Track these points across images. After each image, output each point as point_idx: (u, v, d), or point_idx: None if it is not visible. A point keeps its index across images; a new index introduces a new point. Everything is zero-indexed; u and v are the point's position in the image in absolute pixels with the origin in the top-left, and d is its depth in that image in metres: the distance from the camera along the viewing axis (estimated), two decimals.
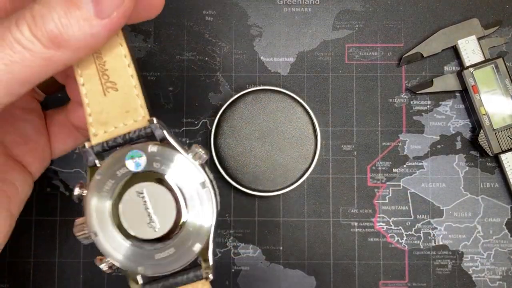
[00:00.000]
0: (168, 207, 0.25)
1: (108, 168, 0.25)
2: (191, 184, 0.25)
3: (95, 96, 0.25)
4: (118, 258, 0.25)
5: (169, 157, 0.25)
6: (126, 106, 0.25)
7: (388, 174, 0.38)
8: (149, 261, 0.25)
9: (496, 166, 0.38)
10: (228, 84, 0.39)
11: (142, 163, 0.25)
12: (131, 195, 0.25)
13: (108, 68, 0.25)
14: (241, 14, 0.39)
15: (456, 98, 0.39)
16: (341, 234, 0.38)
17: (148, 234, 0.25)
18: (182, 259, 0.25)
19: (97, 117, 0.25)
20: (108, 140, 0.25)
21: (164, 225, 0.25)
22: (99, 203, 0.25)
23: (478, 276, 0.37)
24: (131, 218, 0.25)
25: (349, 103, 0.39)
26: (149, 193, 0.25)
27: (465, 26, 0.38)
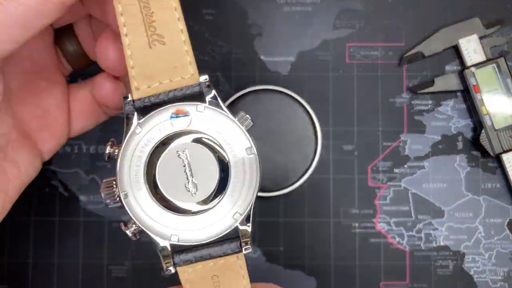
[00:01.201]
0: (210, 172, 0.23)
1: (149, 125, 0.23)
2: (237, 149, 0.24)
3: (139, 48, 0.23)
4: (149, 224, 0.23)
5: (217, 119, 0.23)
6: (173, 61, 0.23)
7: (389, 174, 0.38)
8: (184, 228, 0.23)
9: (497, 166, 0.38)
10: (228, 83, 0.38)
11: (187, 122, 0.23)
12: (170, 155, 0.23)
13: (156, 20, 0.23)
14: (241, 13, 0.39)
15: (457, 98, 0.38)
16: (342, 235, 0.38)
17: (185, 199, 0.23)
18: (220, 228, 0.24)
19: (140, 70, 0.23)
20: (151, 95, 0.23)
21: (203, 190, 0.23)
22: (135, 160, 0.23)
23: (479, 277, 0.37)
24: (168, 179, 0.23)
25: (349, 103, 0.38)
26: (191, 154, 0.23)
27: (466, 26, 0.38)
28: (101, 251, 0.38)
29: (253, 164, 0.24)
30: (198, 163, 0.23)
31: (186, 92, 0.23)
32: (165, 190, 0.23)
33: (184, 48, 0.24)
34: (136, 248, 0.38)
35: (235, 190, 0.24)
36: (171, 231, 0.23)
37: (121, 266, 0.38)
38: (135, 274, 0.37)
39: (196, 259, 0.24)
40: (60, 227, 0.38)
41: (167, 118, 0.23)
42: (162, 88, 0.23)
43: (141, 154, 0.23)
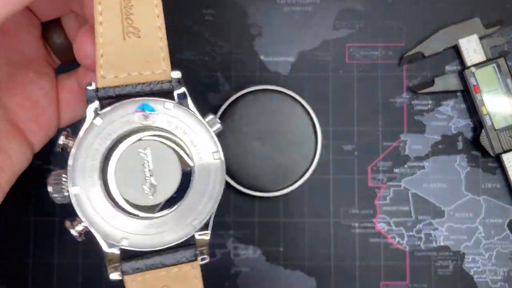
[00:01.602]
0: (171, 174, 0.22)
1: (111, 117, 0.22)
2: (203, 153, 0.22)
3: (112, 38, 0.22)
4: (98, 224, 0.22)
5: (184, 119, 0.22)
6: (146, 55, 0.22)
7: (389, 174, 0.38)
8: (136, 232, 0.22)
9: (497, 167, 0.38)
10: (228, 84, 0.38)
11: (153, 119, 0.22)
12: (131, 151, 0.22)
13: (134, 13, 0.22)
14: (241, 14, 0.39)
15: (457, 98, 0.38)
16: (342, 235, 0.38)
17: (141, 200, 0.21)
18: (176, 235, 0.22)
19: (109, 59, 0.22)
20: (117, 86, 0.22)
21: (162, 193, 0.22)
22: (90, 154, 0.22)
23: (479, 277, 0.37)
24: (125, 177, 0.21)
25: (349, 103, 0.38)
26: (153, 153, 0.22)
27: (467, 26, 0.38)
28: (101, 251, 0.38)
29: (218, 170, 0.22)
30: (159, 164, 0.22)
31: (155, 87, 0.22)
32: (120, 188, 0.22)
33: (159, 44, 0.23)
34: None
35: (196, 196, 0.22)
36: (121, 234, 0.22)
37: None
38: None
39: (147, 267, 0.22)
40: (60, 227, 0.38)
41: (131, 112, 0.22)
42: (130, 80, 0.22)
43: (99, 148, 0.22)
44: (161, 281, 0.23)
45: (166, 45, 0.23)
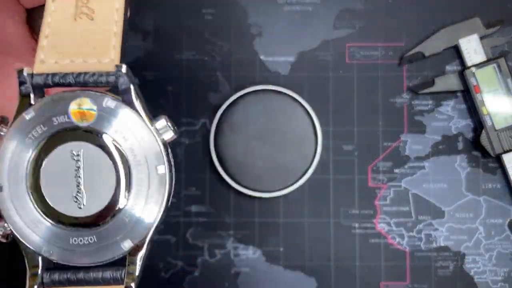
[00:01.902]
0: (105, 183, 0.19)
1: (43, 110, 0.19)
2: (145, 163, 0.19)
3: (62, 17, 0.20)
4: (20, 228, 0.19)
5: (126, 121, 0.19)
6: (95, 41, 0.20)
7: (389, 174, 0.38)
8: (61, 243, 0.19)
9: (498, 167, 0.38)
10: (228, 83, 0.38)
11: (90, 118, 0.19)
12: (63, 153, 0.19)
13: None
14: (241, 13, 0.39)
15: (457, 98, 0.38)
16: (342, 235, 0.38)
17: (70, 210, 0.19)
18: (103, 254, 0.20)
19: (54, 41, 0.20)
20: (55, 73, 0.19)
21: (93, 205, 0.19)
22: (19, 150, 0.19)
23: (480, 278, 0.37)
24: (54, 182, 0.19)
25: (349, 103, 0.38)
26: (87, 158, 0.19)
27: (467, 25, 0.38)
28: None
29: (162, 184, 0.20)
30: (93, 171, 0.19)
31: (99, 79, 0.20)
32: (48, 195, 0.19)
33: (113, 29, 0.20)
34: None
35: (132, 212, 0.20)
36: (44, 243, 0.20)
37: None
38: None
39: (70, 283, 0.20)
40: None
41: (66, 107, 0.19)
42: (71, 67, 0.20)
43: (27, 146, 0.19)
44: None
45: (120, 32, 0.20)
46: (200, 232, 0.38)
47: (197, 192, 0.38)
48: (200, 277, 0.37)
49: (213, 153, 0.37)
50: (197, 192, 0.38)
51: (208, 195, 0.38)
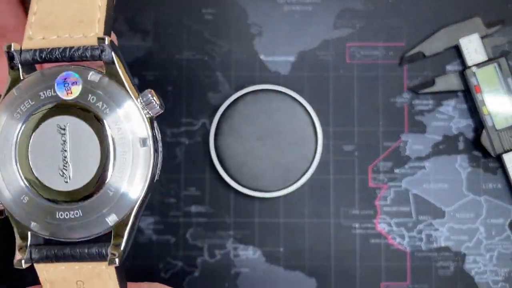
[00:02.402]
0: (91, 157, 0.19)
1: (31, 85, 0.20)
2: (129, 136, 0.19)
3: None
4: (10, 202, 0.20)
5: (111, 94, 0.19)
6: (81, 14, 0.20)
7: (389, 174, 0.38)
8: (47, 218, 0.20)
9: (498, 167, 0.38)
10: (228, 83, 0.38)
11: (75, 92, 0.19)
12: (49, 127, 0.19)
13: None
14: (240, 13, 0.39)
15: (458, 98, 0.38)
16: (342, 236, 0.38)
17: (56, 183, 0.19)
18: (89, 229, 0.20)
19: (42, 18, 0.20)
20: (43, 48, 0.20)
21: (79, 178, 0.19)
22: (8, 125, 0.19)
23: (480, 278, 0.37)
24: (42, 157, 0.19)
25: (350, 103, 0.38)
26: (73, 131, 0.19)
27: (467, 25, 0.38)
28: None
29: (146, 159, 0.20)
30: (79, 145, 0.19)
31: (84, 53, 0.20)
32: (36, 169, 0.19)
33: (98, 2, 0.20)
34: (135, 249, 0.38)
35: (117, 186, 0.20)
36: (31, 218, 0.20)
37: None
38: (134, 275, 0.37)
39: (57, 258, 0.21)
40: None
41: (52, 82, 0.19)
42: (58, 42, 0.20)
43: (18, 119, 0.19)
44: (75, 276, 0.21)
45: (105, 5, 0.20)
46: (200, 232, 0.38)
47: (197, 192, 0.38)
48: (200, 278, 0.37)
49: (213, 153, 0.37)
50: (197, 192, 0.38)
51: (208, 195, 0.38)
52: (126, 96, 0.20)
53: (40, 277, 0.21)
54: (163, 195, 0.38)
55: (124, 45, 0.38)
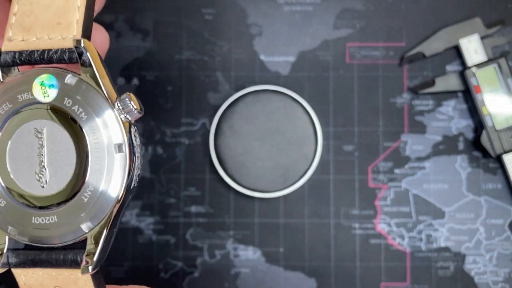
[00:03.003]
0: (67, 162, 0.19)
1: (9, 87, 0.20)
2: (104, 143, 0.19)
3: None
4: None
5: (88, 99, 0.19)
6: (60, 16, 0.20)
7: (389, 175, 0.38)
8: (24, 223, 0.20)
9: (498, 167, 0.38)
10: (228, 83, 0.38)
11: (52, 95, 0.19)
12: (26, 131, 0.19)
13: None
14: (240, 13, 0.39)
15: (458, 98, 0.38)
16: (342, 236, 0.38)
17: (33, 188, 0.19)
18: (65, 235, 0.20)
19: (22, 19, 0.20)
20: (22, 50, 0.20)
21: (55, 183, 0.19)
22: None
23: (480, 278, 0.37)
24: (18, 161, 0.19)
25: (350, 103, 0.38)
26: (50, 136, 0.19)
27: (467, 25, 0.38)
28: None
29: (122, 165, 0.19)
30: (55, 150, 0.19)
31: (62, 56, 0.20)
32: (13, 173, 0.19)
33: (77, 3, 0.20)
34: (135, 249, 0.38)
35: (92, 192, 0.19)
36: (8, 223, 0.20)
37: (120, 267, 0.37)
38: (134, 275, 0.37)
39: (34, 264, 0.21)
40: None
41: (30, 85, 0.19)
42: (36, 44, 0.20)
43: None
44: (53, 281, 0.21)
45: (84, 6, 0.20)
46: (199, 233, 0.38)
47: (197, 193, 0.38)
48: (200, 278, 0.37)
49: (213, 153, 0.37)
50: (197, 192, 0.38)
51: (207, 195, 0.38)
52: (103, 101, 0.19)
53: (18, 282, 0.21)
54: (163, 195, 0.38)
55: (124, 45, 0.38)
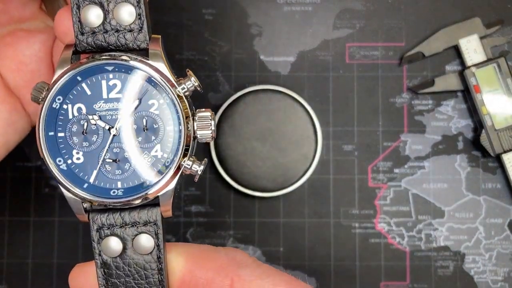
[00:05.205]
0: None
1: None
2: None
3: None
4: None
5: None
6: None
7: (389, 174, 0.38)
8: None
9: (498, 167, 0.38)
10: (228, 83, 0.38)
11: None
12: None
13: None
14: (241, 13, 0.39)
15: (457, 98, 0.38)
16: (342, 235, 0.38)
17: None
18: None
19: None
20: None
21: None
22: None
23: (480, 278, 0.37)
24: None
25: (350, 103, 0.38)
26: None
27: (467, 25, 0.38)
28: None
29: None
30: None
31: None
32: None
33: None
34: None
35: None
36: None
37: None
38: None
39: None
40: (60, 227, 0.38)
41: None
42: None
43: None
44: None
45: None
46: (200, 232, 0.38)
47: (197, 192, 0.38)
48: None
49: (213, 153, 0.37)
50: (197, 192, 0.38)
51: (208, 195, 0.38)
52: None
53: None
54: None
55: None
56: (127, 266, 0.24)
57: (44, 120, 0.23)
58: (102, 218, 0.24)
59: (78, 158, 0.24)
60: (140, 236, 0.24)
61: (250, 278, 0.23)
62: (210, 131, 0.25)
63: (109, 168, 0.24)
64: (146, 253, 0.24)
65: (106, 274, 0.24)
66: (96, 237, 0.24)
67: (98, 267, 0.24)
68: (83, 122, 0.24)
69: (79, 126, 0.24)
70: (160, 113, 0.24)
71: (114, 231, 0.24)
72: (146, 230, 0.24)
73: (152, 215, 0.24)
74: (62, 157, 0.24)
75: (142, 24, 0.23)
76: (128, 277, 0.24)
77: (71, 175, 0.24)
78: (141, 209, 0.24)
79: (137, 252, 0.24)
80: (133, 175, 0.24)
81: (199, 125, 0.25)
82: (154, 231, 0.24)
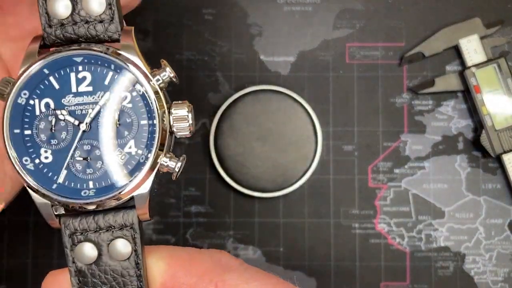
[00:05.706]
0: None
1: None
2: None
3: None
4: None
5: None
6: None
7: (389, 175, 0.38)
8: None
9: (498, 167, 0.38)
10: (228, 83, 0.38)
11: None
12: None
13: None
14: (240, 13, 0.39)
15: (458, 98, 0.38)
16: (342, 235, 0.38)
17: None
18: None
19: None
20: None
21: None
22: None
23: (480, 278, 0.37)
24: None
25: (350, 103, 0.38)
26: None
27: (467, 26, 0.38)
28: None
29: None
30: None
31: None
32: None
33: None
34: None
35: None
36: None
37: None
38: None
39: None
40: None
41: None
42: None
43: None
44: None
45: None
46: (200, 232, 0.38)
47: (197, 192, 0.38)
48: None
49: (213, 153, 0.37)
50: (197, 192, 0.38)
51: (208, 195, 0.38)
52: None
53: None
54: (163, 195, 0.38)
55: None
56: (103, 274, 0.22)
57: (9, 116, 0.22)
58: (75, 222, 0.23)
59: (47, 157, 0.22)
60: (116, 241, 0.22)
61: (235, 283, 0.22)
62: (188, 124, 0.23)
63: (79, 167, 0.22)
64: (123, 259, 0.22)
65: (81, 282, 0.23)
66: (69, 243, 0.23)
67: (72, 275, 0.23)
68: (51, 118, 0.22)
69: (47, 123, 0.22)
70: (133, 106, 0.22)
71: (88, 236, 0.22)
72: (122, 235, 0.22)
73: (128, 218, 0.22)
74: (29, 157, 0.22)
75: (113, 14, 0.22)
76: (105, 285, 0.22)
77: (39, 176, 0.22)
78: (116, 212, 0.22)
79: (113, 258, 0.22)
80: (105, 174, 0.22)
81: (176, 118, 0.22)
82: (130, 235, 0.22)
